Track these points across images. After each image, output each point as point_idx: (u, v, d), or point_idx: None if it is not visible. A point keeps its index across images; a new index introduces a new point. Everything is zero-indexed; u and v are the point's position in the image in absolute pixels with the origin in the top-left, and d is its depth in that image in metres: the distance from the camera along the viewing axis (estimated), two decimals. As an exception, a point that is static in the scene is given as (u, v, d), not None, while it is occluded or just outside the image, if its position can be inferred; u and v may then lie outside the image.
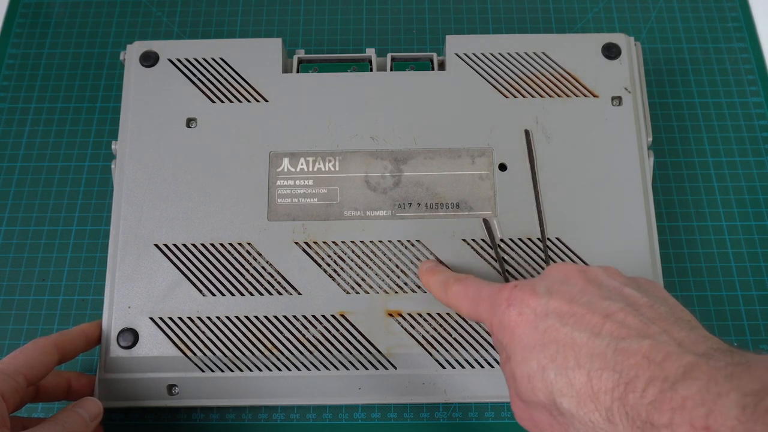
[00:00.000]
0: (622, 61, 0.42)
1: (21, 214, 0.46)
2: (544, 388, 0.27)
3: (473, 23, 0.52)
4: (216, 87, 0.42)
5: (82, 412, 0.34)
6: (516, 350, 0.29)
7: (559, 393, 0.26)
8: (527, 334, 0.28)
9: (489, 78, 0.42)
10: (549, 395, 0.27)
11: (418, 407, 0.40)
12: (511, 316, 0.29)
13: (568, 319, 0.27)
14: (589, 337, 0.26)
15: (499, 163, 0.40)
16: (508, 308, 0.30)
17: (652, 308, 0.27)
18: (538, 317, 0.28)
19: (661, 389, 0.23)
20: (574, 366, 0.26)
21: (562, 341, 0.27)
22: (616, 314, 0.27)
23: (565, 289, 0.29)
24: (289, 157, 0.41)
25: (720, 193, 0.46)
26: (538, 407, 0.28)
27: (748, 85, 0.49)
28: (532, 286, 0.30)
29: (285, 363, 0.38)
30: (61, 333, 0.36)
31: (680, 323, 0.26)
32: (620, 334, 0.26)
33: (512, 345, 0.29)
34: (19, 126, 0.49)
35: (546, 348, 0.27)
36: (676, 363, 0.24)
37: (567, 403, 0.26)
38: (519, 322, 0.29)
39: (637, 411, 0.24)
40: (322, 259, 0.39)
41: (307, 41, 0.52)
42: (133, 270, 0.39)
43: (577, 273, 0.30)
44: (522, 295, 0.29)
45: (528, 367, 0.28)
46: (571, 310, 0.28)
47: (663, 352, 0.25)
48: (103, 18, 0.53)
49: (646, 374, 0.24)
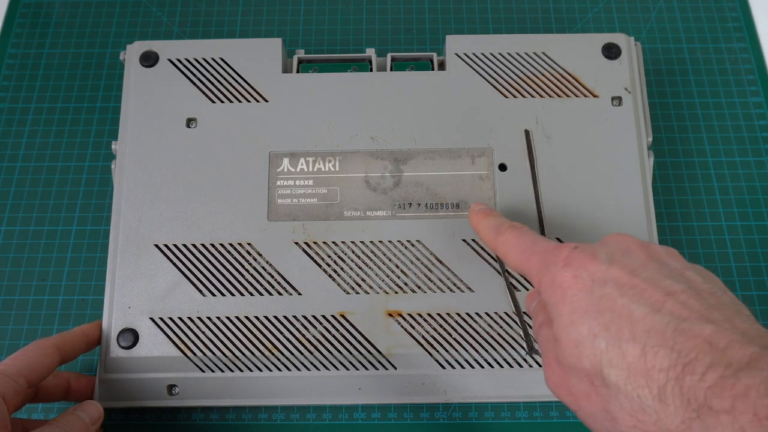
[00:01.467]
0: (622, 61, 0.42)
1: (21, 214, 0.46)
2: (593, 355, 0.26)
3: (473, 23, 0.52)
4: (216, 87, 0.42)
5: (83, 415, 0.34)
6: (563, 312, 0.28)
7: (608, 363, 0.26)
8: (581, 298, 0.27)
9: (489, 78, 0.42)
10: (596, 364, 0.26)
11: (418, 407, 0.40)
12: (566, 277, 0.28)
13: (627, 290, 0.27)
14: (648, 312, 0.26)
15: (499, 163, 0.40)
16: (564, 268, 0.29)
17: (714, 295, 0.27)
18: (596, 283, 0.27)
19: (722, 375, 0.23)
20: (629, 338, 0.25)
21: (619, 311, 0.26)
22: (678, 294, 0.26)
23: (626, 260, 0.28)
24: (289, 157, 0.41)
25: (720, 193, 0.46)
26: (579, 374, 0.27)
27: (748, 85, 0.49)
28: (592, 250, 0.29)
29: (285, 363, 0.38)
30: (61, 334, 0.36)
31: (741, 315, 0.26)
32: (682, 314, 0.25)
33: (560, 306, 0.28)
34: (19, 126, 0.49)
35: (600, 315, 0.26)
36: (740, 352, 0.23)
37: (615, 376, 0.25)
38: (573, 285, 0.28)
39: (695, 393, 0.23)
40: (322, 260, 0.39)
41: (307, 41, 0.52)
42: (133, 270, 0.39)
43: (639, 246, 0.29)
44: (582, 257, 0.29)
45: (577, 332, 0.27)
46: (631, 281, 0.27)
47: (726, 339, 0.24)
48: (103, 18, 0.53)
49: (707, 358, 0.24)
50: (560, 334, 0.28)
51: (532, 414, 0.40)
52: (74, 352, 0.36)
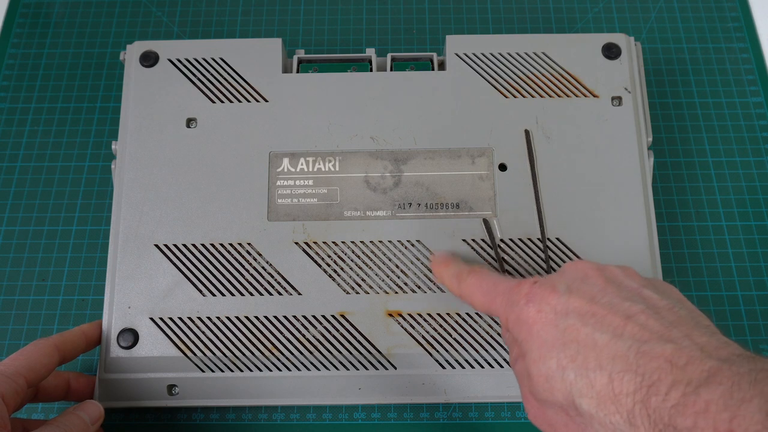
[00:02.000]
0: (622, 61, 0.42)
1: (21, 214, 0.46)
2: (563, 388, 0.27)
3: (473, 23, 0.52)
4: (216, 87, 0.42)
5: (83, 415, 0.34)
6: (533, 348, 0.28)
7: (579, 394, 0.26)
8: (546, 332, 0.28)
9: (489, 78, 0.42)
10: (568, 395, 0.27)
11: (418, 407, 0.40)
12: (530, 313, 0.29)
13: (589, 319, 0.27)
14: (610, 339, 0.26)
15: (499, 163, 0.40)
16: (527, 305, 0.29)
17: (672, 311, 0.27)
18: (558, 315, 0.28)
19: (684, 393, 0.23)
20: (595, 367, 0.26)
21: (583, 341, 0.27)
22: (637, 316, 0.27)
23: (584, 288, 0.29)
24: (289, 157, 0.41)
25: (720, 193, 0.46)
26: (554, 407, 0.28)
27: (748, 85, 0.49)
28: (551, 283, 0.30)
29: (285, 363, 0.38)
30: (61, 334, 0.36)
31: (700, 328, 0.26)
32: (642, 336, 0.26)
33: (529, 342, 0.29)
34: (19, 126, 0.49)
35: (566, 347, 0.27)
36: (699, 367, 0.24)
37: (587, 404, 0.26)
38: (538, 320, 0.29)
39: (660, 414, 0.24)
40: (322, 259, 0.39)
41: (307, 41, 0.52)
42: (133, 270, 0.39)
43: (596, 271, 0.30)
44: (542, 291, 0.29)
45: (546, 366, 0.28)
46: (591, 309, 0.28)
47: (686, 357, 0.24)
48: (103, 18, 0.53)
49: (669, 378, 0.24)
50: (531, 369, 0.29)
51: (532, 414, 0.40)
52: (74, 352, 0.36)
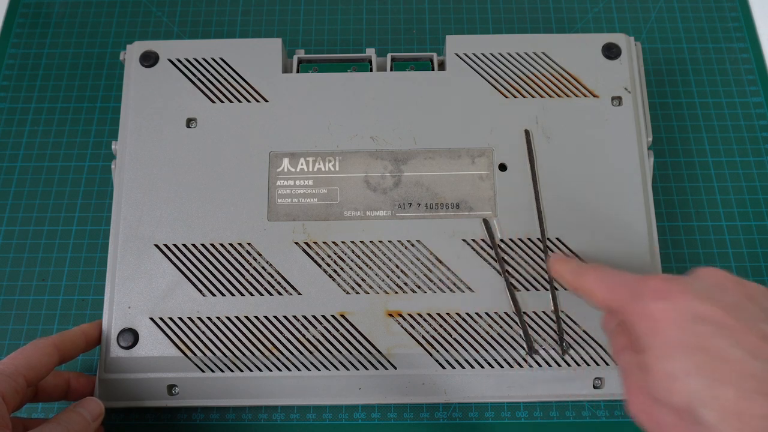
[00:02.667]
0: (622, 61, 0.42)
1: (21, 214, 0.46)
2: (685, 392, 0.26)
3: (473, 23, 0.52)
4: (216, 87, 0.42)
5: (83, 412, 0.34)
6: (656, 344, 0.28)
7: (701, 403, 0.26)
8: (674, 332, 0.27)
9: (489, 78, 0.42)
10: (688, 401, 0.26)
11: (418, 407, 0.40)
12: (658, 308, 0.28)
13: (723, 330, 0.26)
14: (744, 356, 0.26)
15: (499, 163, 0.40)
16: (655, 300, 0.28)
17: None
18: (689, 319, 0.27)
19: None
20: (724, 381, 0.25)
21: (714, 352, 0.26)
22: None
23: (722, 298, 0.28)
24: (289, 157, 0.41)
25: (720, 193, 0.46)
26: (667, 407, 0.27)
27: (748, 85, 0.49)
28: (685, 284, 0.29)
29: (285, 363, 0.38)
30: (61, 333, 0.36)
31: None
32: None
33: (651, 337, 0.28)
34: (19, 126, 0.49)
35: (694, 353, 0.26)
36: None
37: (709, 415, 0.25)
38: (665, 318, 0.28)
39: None
40: (322, 259, 0.39)
41: (307, 41, 0.52)
42: (133, 270, 0.39)
43: (735, 284, 0.29)
44: (674, 290, 0.28)
45: (671, 366, 0.27)
46: (728, 322, 0.27)
47: None
48: (103, 18, 0.53)
49: None
50: (652, 365, 0.28)
51: (532, 414, 0.40)
52: (74, 352, 0.36)
